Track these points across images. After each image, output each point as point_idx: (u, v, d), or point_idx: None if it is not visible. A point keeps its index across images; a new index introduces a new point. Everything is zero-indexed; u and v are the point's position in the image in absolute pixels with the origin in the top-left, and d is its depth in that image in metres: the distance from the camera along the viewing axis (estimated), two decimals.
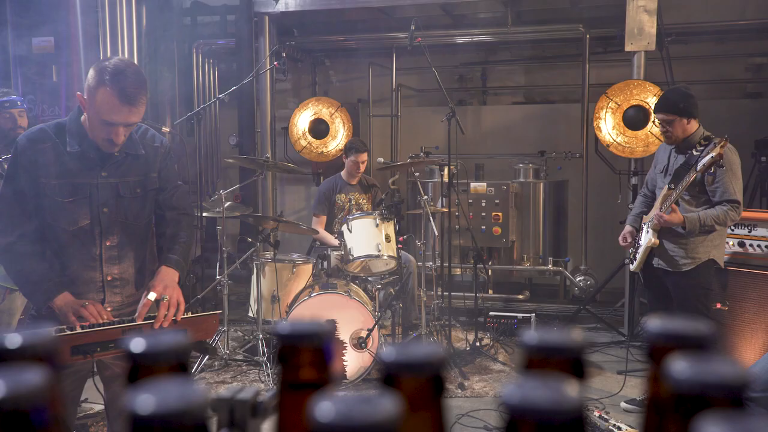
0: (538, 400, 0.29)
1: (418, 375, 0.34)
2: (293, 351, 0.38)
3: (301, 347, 0.38)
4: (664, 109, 3.61)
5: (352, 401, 0.29)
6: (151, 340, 0.38)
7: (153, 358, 0.37)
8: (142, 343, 0.38)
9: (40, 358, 0.43)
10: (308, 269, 4.91)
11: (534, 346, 0.38)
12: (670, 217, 3.48)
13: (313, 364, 0.38)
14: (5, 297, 3.49)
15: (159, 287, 2.17)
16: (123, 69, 2.16)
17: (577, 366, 0.36)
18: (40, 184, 2.18)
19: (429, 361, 0.35)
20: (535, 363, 0.38)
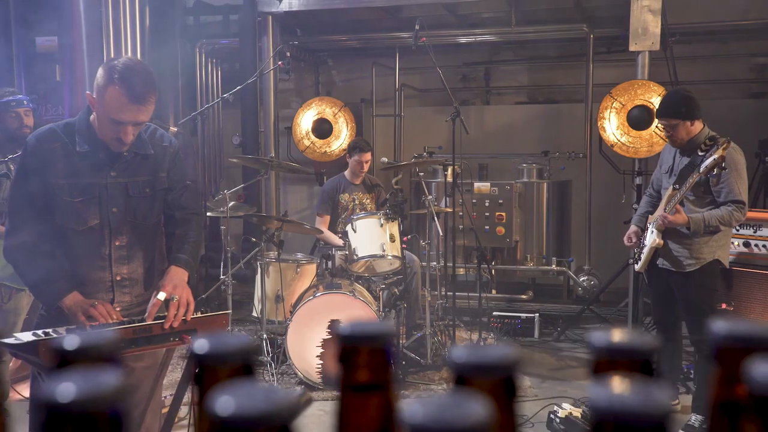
0: (630, 404, 0.28)
1: (492, 377, 0.34)
2: (354, 352, 0.38)
3: (363, 348, 0.38)
4: (666, 114, 3.60)
5: (443, 404, 0.29)
6: (216, 341, 0.38)
7: (221, 359, 0.37)
8: (205, 344, 0.38)
9: (104, 358, 0.43)
10: (312, 269, 4.91)
11: (605, 348, 0.38)
12: (674, 217, 3.48)
13: (375, 366, 0.38)
14: (11, 297, 3.49)
15: (169, 287, 2.16)
16: (132, 68, 2.16)
17: (647, 367, 0.36)
18: (50, 184, 2.18)
19: (502, 363, 0.35)
20: (606, 365, 0.37)
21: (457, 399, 0.30)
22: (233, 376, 0.37)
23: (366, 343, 0.37)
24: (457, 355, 0.36)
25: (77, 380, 0.34)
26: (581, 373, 4.85)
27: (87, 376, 0.35)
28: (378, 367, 0.37)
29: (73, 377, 0.34)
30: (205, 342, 0.38)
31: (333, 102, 6.63)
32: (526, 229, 6.18)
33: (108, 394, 0.35)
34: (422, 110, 7.48)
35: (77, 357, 0.40)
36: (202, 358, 0.38)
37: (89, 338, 0.40)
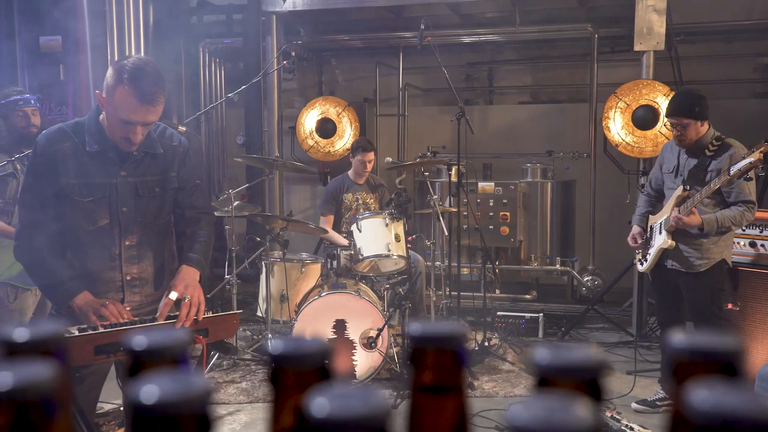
0: (736, 408, 0.28)
1: (577, 379, 0.34)
2: (426, 353, 0.38)
3: (435, 350, 0.37)
4: (678, 113, 3.58)
5: (549, 405, 0.28)
6: (292, 344, 0.38)
7: (295, 361, 0.37)
8: (281, 346, 0.37)
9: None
10: (317, 269, 4.91)
11: (687, 350, 0.37)
12: (689, 219, 3.46)
13: (447, 367, 0.37)
14: (18, 296, 3.48)
15: (180, 287, 2.16)
16: (141, 68, 2.16)
17: (730, 369, 0.35)
18: (60, 183, 2.18)
19: (589, 366, 0.34)
20: (689, 368, 0.36)
21: (560, 402, 0.29)
22: (311, 379, 0.37)
23: (437, 345, 0.37)
24: (543, 356, 0.35)
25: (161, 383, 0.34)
26: None
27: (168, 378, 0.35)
28: (449, 369, 0.37)
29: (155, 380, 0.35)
30: (281, 344, 0.38)
31: (337, 101, 6.63)
32: (530, 228, 6.18)
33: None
34: (426, 110, 7.48)
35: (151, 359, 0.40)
36: (278, 360, 0.38)
37: (158, 339, 0.40)
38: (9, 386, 0.33)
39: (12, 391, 0.33)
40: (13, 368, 0.35)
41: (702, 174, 3.56)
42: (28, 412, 0.34)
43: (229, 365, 4.74)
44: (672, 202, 3.64)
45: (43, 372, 0.34)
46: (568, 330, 5.53)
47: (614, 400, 4.07)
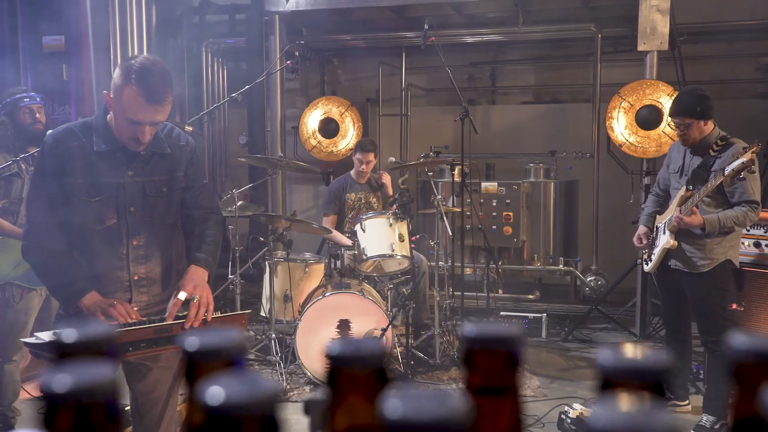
0: None
1: (640, 382, 0.33)
2: (481, 355, 0.37)
3: (490, 351, 0.37)
4: (680, 112, 3.58)
5: (631, 410, 0.28)
6: (350, 347, 0.38)
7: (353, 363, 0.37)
8: (338, 348, 0.37)
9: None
10: (320, 269, 4.90)
11: (747, 352, 0.37)
12: (690, 219, 3.46)
13: (502, 369, 0.37)
14: (23, 296, 3.48)
15: (189, 287, 2.15)
16: (149, 68, 2.15)
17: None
18: (67, 183, 2.17)
19: (654, 367, 0.34)
20: (750, 370, 0.36)
21: (638, 405, 0.29)
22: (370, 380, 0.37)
23: (493, 346, 0.37)
24: (607, 358, 0.35)
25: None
26: (590, 373, 4.85)
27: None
28: (504, 371, 0.37)
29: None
30: (338, 346, 0.38)
31: (340, 101, 6.62)
32: (533, 228, 6.18)
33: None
34: (428, 110, 7.48)
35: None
36: (338, 360, 0.37)
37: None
38: (74, 388, 0.33)
39: (77, 392, 0.33)
40: (74, 370, 0.34)
41: (705, 174, 3.55)
42: (92, 414, 0.34)
43: None
44: (676, 202, 3.64)
45: (106, 373, 0.34)
46: (571, 330, 5.53)
47: None
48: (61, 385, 0.34)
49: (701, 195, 3.47)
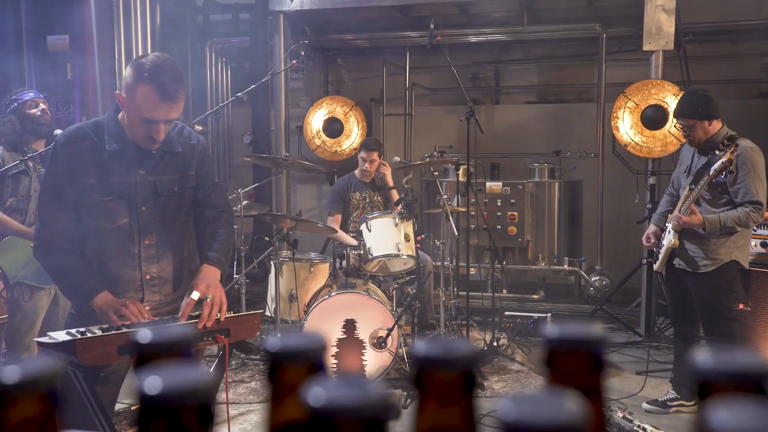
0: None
1: (743, 385, 0.33)
2: (563, 357, 0.37)
3: (575, 353, 0.37)
4: (683, 114, 3.59)
5: (754, 413, 0.28)
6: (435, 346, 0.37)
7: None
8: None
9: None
10: (325, 268, 4.90)
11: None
12: (689, 218, 3.47)
13: (585, 371, 0.37)
14: (33, 295, 3.48)
15: (202, 286, 2.15)
16: (161, 65, 2.15)
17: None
18: (79, 182, 2.17)
19: (757, 373, 0.33)
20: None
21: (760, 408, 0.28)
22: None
23: (577, 348, 0.36)
24: (708, 363, 0.34)
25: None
26: None
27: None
28: (588, 373, 0.36)
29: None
30: (426, 347, 0.37)
31: (344, 101, 6.62)
32: (537, 228, 6.17)
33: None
34: (432, 109, 7.47)
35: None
36: (425, 362, 0.37)
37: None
38: (167, 391, 0.33)
39: (171, 396, 0.33)
40: (166, 373, 0.34)
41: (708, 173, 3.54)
42: (185, 417, 0.34)
43: (238, 365, 4.73)
44: (681, 202, 3.64)
45: (200, 376, 0.34)
46: None
47: (624, 401, 4.06)
48: (154, 388, 0.33)
49: (695, 195, 3.48)
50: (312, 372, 0.38)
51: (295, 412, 0.36)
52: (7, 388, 0.39)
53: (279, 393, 0.38)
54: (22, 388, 0.39)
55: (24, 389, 0.39)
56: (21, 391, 0.39)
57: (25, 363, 0.39)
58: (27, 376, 0.39)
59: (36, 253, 2.23)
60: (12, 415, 0.38)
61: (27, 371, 0.39)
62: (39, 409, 0.39)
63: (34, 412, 0.39)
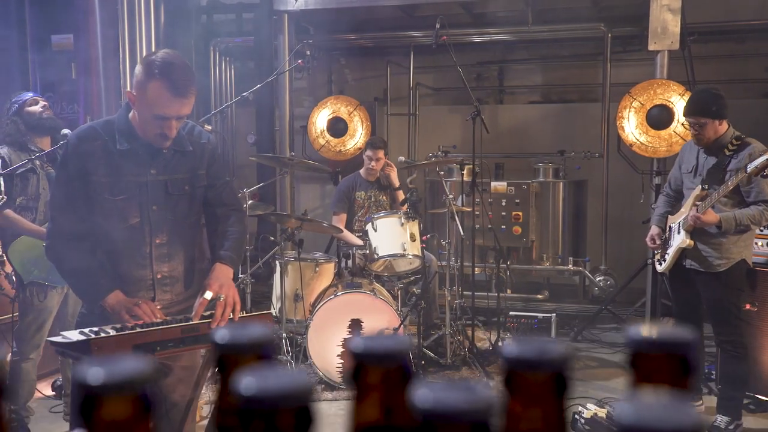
0: None
1: None
2: (651, 359, 0.37)
3: (661, 356, 0.36)
4: (695, 112, 3.57)
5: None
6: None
7: None
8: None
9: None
10: (330, 268, 4.89)
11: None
12: (706, 217, 3.45)
13: (672, 373, 0.36)
14: (47, 295, 3.47)
15: (215, 286, 2.15)
16: (171, 61, 2.15)
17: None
18: (91, 182, 2.17)
19: None
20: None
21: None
22: None
23: (665, 351, 0.36)
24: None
25: None
26: (600, 373, 4.84)
27: None
28: (675, 375, 0.36)
29: None
30: (517, 348, 0.37)
31: (348, 101, 6.61)
32: (542, 228, 6.17)
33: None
34: (436, 109, 7.47)
35: None
36: (517, 363, 0.37)
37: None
38: (268, 394, 0.33)
39: (274, 397, 0.33)
40: (263, 374, 0.34)
41: (721, 173, 3.54)
42: (284, 419, 0.33)
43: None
44: (690, 202, 3.63)
45: (299, 379, 0.34)
46: (580, 330, 5.53)
47: None
48: (252, 390, 0.33)
49: (720, 194, 3.46)
50: (399, 374, 0.38)
51: (376, 413, 0.36)
52: (100, 389, 0.38)
53: (364, 393, 0.38)
54: (116, 390, 0.39)
55: (118, 390, 0.39)
56: (114, 392, 0.39)
57: (118, 364, 0.39)
58: (121, 377, 0.39)
59: (48, 253, 2.23)
60: (104, 416, 0.37)
61: (120, 372, 0.39)
62: (131, 411, 0.38)
63: (126, 414, 0.38)
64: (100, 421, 0.36)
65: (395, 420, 0.36)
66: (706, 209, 3.47)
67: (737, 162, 3.50)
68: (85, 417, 0.36)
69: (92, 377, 0.36)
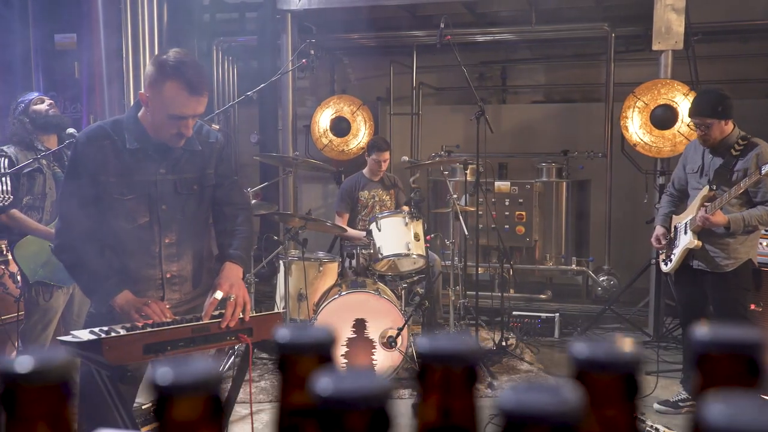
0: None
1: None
2: (718, 360, 0.36)
3: (730, 356, 0.36)
4: (701, 113, 3.56)
5: None
6: None
7: None
8: None
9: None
10: (334, 267, 4.89)
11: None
12: (715, 218, 3.44)
13: (740, 373, 0.36)
14: (52, 294, 3.47)
15: (225, 285, 2.14)
16: (184, 60, 2.15)
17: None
18: (100, 181, 2.17)
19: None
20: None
21: None
22: None
23: (732, 351, 0.36)
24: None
25: None
26: None
27: None
28: (743, 379, 0.36)
29: None
30: (588, 350, 0.37)
31: (351, 100, 6.61)
32: (545, 228, 6.17)
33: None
34: (439, 109, 7.46)
35: None
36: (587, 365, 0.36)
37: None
38: (346, 395, 0.32)
39: (350, 400, 0.32)
40: (343, 376, 0.34)
41: (728, 174, 3.53)
42: (359, 421, 0.33)
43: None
44: (697, 203, 3.62)
45: (378, 381, 0.34)
46: (584, 330, 5.52)
47: None
48: (329, 390, 0.33)
49: (732, 195, 3.44)
50: (466, 375, 0.37)
51: (442, 414, 0.36)
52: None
53: (429, 393, 0.38)
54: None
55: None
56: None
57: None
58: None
59: (56, 252, 2.23)
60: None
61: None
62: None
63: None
64: (171, 421, 0.36)
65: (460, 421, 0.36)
66: (715, 210, 3.45)
67: (744, 162, 3.49)
68: (158, 417, 0.37)
69: (162, 378, 0.36)
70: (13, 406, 0.40)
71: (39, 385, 0.40)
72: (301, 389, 0.41)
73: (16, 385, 0.40)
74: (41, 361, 0.40)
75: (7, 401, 0.40)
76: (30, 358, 0.41)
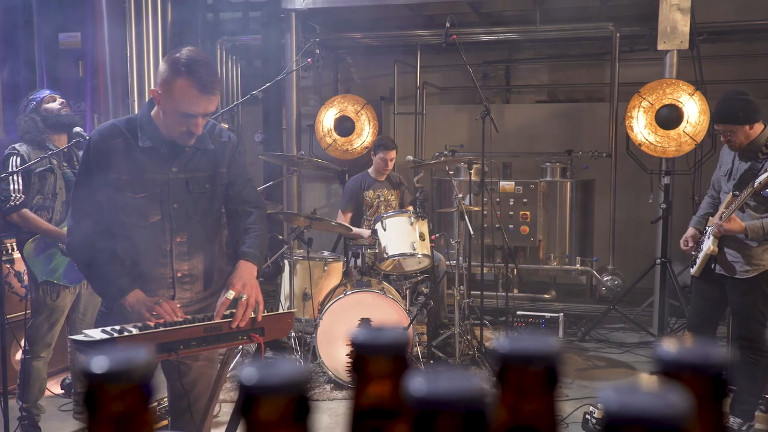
0: None
1: None
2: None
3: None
4: (723, 119, 3.47)
5: None
6: None
7: None
8: None
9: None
10: (339, 267, 4.89)
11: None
12: (729, 226, 3.37)
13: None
14: (59, 294, 3.47)
15: (238, 285, 2.14)
16: (196, 59, 2.15)
17: None
18: (112, 179, 2.16)
19: None
20: None
21: None
22: None
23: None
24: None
25: None
26: (609, 373, 4.84)
27: None
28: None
29: None
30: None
31: (355, 99, 6.61)
32: (549, 228, 6.17)
33: None
34: (443, 108, 7.46)
35: None
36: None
37: None
38: (449, 397, 0.32)
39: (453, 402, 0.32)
40: (444, 378, 0.34)
41: (753, 179, 3.39)
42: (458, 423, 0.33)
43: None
44: (722, 207, 3.55)
45: (475, 383, 0.33)
46: (588, 330, 5.52)
47: None
48: (423, 391, 0.33)
49: (738, 204, 3.39)
50: (545, 376, 0.37)
51: (517, 414, 0.36)
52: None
53: (510, 391, 0.38)
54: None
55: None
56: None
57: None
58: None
59: (69, 250, 2.22)
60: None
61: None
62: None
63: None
64: (257, 420, 0.36)
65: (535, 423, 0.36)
66: (729, 216, 3.41)
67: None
68: (245, 415, 0.37)
69: (250, 378, 0.36)
70: (96, 406, 0.40)
71: (121, 386, 0.40)
72: (381, 390, 0.41)
73: (99, 386, 0.40)
74: (123, 362, 0.41)
75: (89, 401, 0.40)
76: (111, 358, 0.41)
